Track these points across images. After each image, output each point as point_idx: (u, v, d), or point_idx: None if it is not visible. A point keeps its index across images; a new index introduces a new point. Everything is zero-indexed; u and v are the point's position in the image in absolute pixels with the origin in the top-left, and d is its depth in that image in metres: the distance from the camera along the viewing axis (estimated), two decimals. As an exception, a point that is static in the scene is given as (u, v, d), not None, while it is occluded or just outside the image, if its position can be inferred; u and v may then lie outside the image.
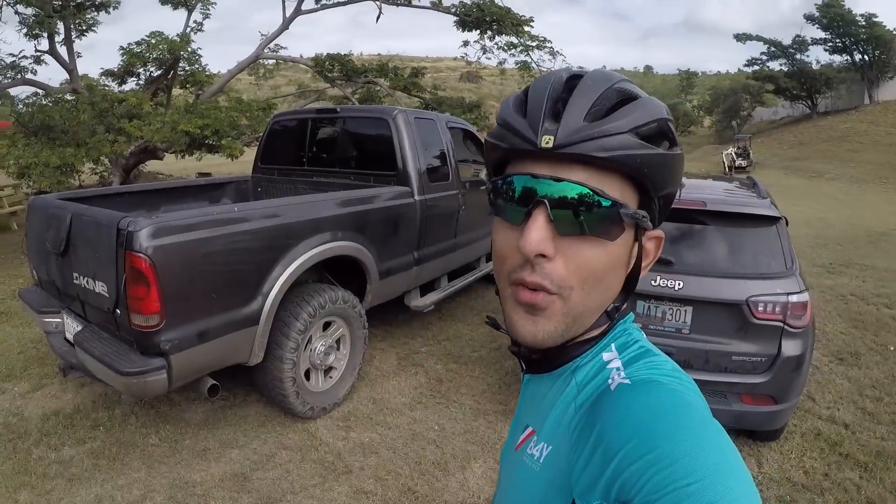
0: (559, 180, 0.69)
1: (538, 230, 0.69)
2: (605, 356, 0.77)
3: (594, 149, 0.68)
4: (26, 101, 11.78)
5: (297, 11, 14.45)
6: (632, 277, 0.79)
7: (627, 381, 0.71)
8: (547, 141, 0.69)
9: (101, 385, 4.29)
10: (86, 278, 3.44)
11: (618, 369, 0.74)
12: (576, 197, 0.69)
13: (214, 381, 3.60)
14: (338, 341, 4.41)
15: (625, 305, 0.81)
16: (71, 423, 4.12)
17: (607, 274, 0.73)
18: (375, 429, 4.12)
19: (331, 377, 4.40)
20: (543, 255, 0.70)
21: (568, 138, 0.68)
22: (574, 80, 0.74)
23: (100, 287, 3.31)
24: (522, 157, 0.74)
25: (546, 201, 0.69)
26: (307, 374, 4.17)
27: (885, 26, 34.70)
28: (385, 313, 6.04)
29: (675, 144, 0.75)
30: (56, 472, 3.59)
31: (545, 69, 15.35)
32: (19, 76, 11.89)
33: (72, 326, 3.76)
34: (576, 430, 0.71)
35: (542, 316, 0.73)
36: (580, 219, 0.69)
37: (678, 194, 3.12)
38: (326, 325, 4.29)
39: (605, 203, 0.69)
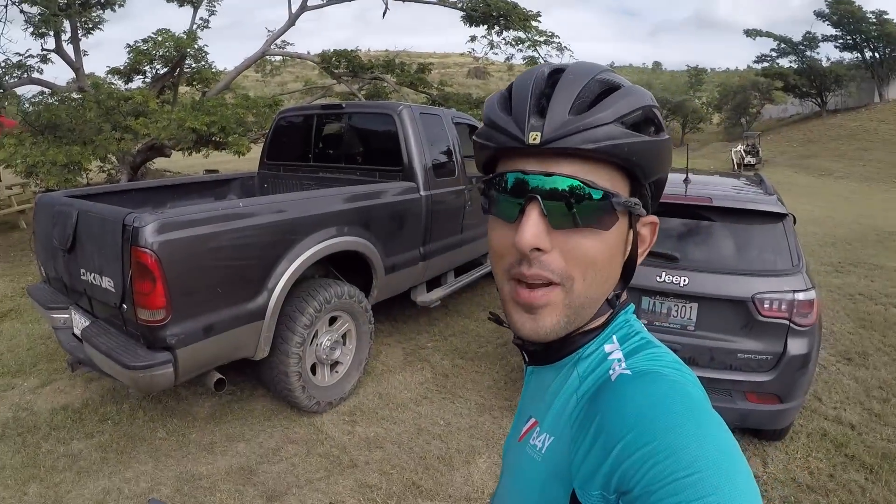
0: (549, 175, 0.70)
1: (532, 225, 0.70)
2: (607, 347, 0.78)
3: (581, 141, 0.68)
4: (33, 101, 11.79)
5: (304, 7, 14.41)
6: (629, 265, 0.79)
7: (628, 371, 0.71)
8: (534, 137, 0.69)
9: (109, 380, 4.31)
10: (92, 274, 3.47)
11: (619, 360, 0.74)
12: (567, 190, 0.69)
13: (221, 376, 3.61)
14: (344, 336, 4.43)
15: (624, 294, 0.82)
16: (79, 417, 4.16)
17: (605, 263, 0.74)
18: (381, 423, 4.13)
19: (337, 372, 4.43)
20: (539, 250, 0.70)
21: (554, 133, 0.69)
22: (556, 74, 0.75)
23: (106, 282, 3.33)
24: (511, 155, 0.75)
25: (538, 196, 0.70)
26: (313, 369, 4.19)
27: (895, 23, 34.43)
28: (391, 309, 6.07)
29: (661, 130, 0.75)
30: (64, 465, 3.63)
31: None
32: (26, 75, 11.87)
33: (79, 322, 3.79)
34: (577, 420, 0.72)
35: (542, 312, 0.73)
36: (573, 211, 0.70)
37: (685, 190, 3.12)
38: (332, 320, 4.30)
39: (597, 194, 0.70)
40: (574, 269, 0.72)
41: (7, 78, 11.06)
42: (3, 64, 11.13)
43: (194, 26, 13.80)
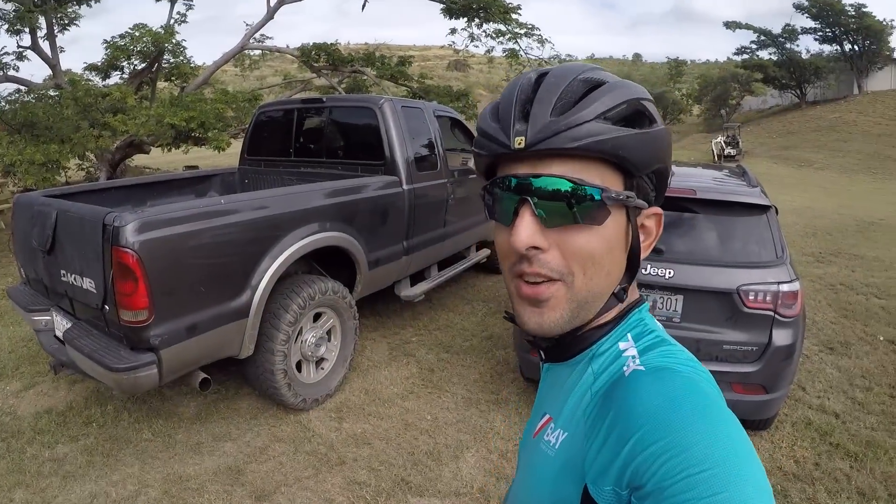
0: (538, 176, 0.72)
1: (526, 226, 0.72)
2: (622, 345, 0.78)
3: (564, 141, 0.70)
4: (9, 98, 11.60)
5: (282, 1, 14.29)
6: (633, 257, 0.80)
7: (642, 368, 0.72)
8: (519, 142, 0.72)
9: (92, 381, 4.26)
10: (73, 275, 3.42)
11: (633, 357, 0.75)
12: (556, 189, 0.71)
13: (206, 375, 3.58)
14: (329, 332, 4.40)
15: (636, 292, 0.85)
16: (64, 420, 4.10)
17: (604, 256, 0.75)
18: (368, 420, 4.12)
19: (322, 369, 4.40)
20: (537, 248, 0.73)
21: (537, 136, 0.71)
22: (542, 78, 0.76)
23: (87, 283, 3.29)
24: (506, 161, 0.77)
25: (529, 198, 0.73)
26: (298, 366, 4.16)
27: (874, 16, 34.81)
28: (375, 303, 6.05)
29: (654, 122, 0.76)
30: (50, 469, 3.57)
31: (533, 57, 15.26)
32: (1, 73, 11.65)
33: (61, 324, 3.74)
34: (591, 416, 0.73)
35: (546, 306, 0.75)
36: (563, 209, 0.71)
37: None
38: (317, 317, 4.27)
39: (585, 190, 0.71)
40: (573, 264, 0.73)
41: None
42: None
43: (171, 21, 13.60)
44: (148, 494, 3.34)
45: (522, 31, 14.84)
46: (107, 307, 3.17)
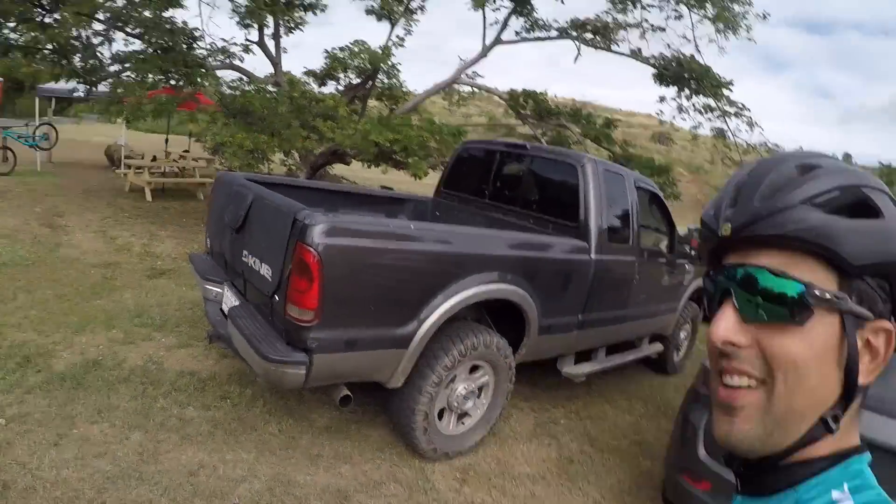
0: (742, 265, 0.69)
1: (724, 319, 0.69)
2: (835, 494, 0.66)
3: (765, 228, 0.67)
4: (231, 84, 12.56)
5: (497, 41, 14.43)
6: (849, 377, 0.67)
7: None
8: (725, 229, 0.71)
9: (240, 362, 4.33)
10: (254, 258, 3.51)
11: None
12: (756, 281, 0.67)
13: (348, 392, 3.50)
14: (480, 388, 4.13)
15: (856, 436, 0.72)
16: (202, 387, 4.27)
17: (809, 366, 0.66)
18: (491, 491, 3.81)
19: (463, 423, 4.13)
20: (734, 344, 0.68)
21: (742, 221, 0.69)
22: (758, 164, 0.74)
23: (265, 270, 3.35)
24: (724, 250, 0.74)
25: (731, 289, 0.69)
26: (440, 414, 3.93)
27: None
28: (533, 372, 5.60)
29: (881, 215, 0.66)
30: (173, 426, 3.72)
31: (741, 140, 14.40)
32: (228, 60, 12.64)
33: (230, 299, 3.87)
34: None
35: (738, 415, 0.69)
36: (762, 303, 0.66)
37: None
38: (473, 369, 4.03)
39: (786, 285, 0.65)
40: (774, 368, 0.66)
41: (211, 59, 11.82)
42: (209, 46, 11.87)
43: (389, 43, 14.14)
44: (252, 484, 3.34)
45: (732, 110, 14.08)
46: (276, 297, 3.21)
